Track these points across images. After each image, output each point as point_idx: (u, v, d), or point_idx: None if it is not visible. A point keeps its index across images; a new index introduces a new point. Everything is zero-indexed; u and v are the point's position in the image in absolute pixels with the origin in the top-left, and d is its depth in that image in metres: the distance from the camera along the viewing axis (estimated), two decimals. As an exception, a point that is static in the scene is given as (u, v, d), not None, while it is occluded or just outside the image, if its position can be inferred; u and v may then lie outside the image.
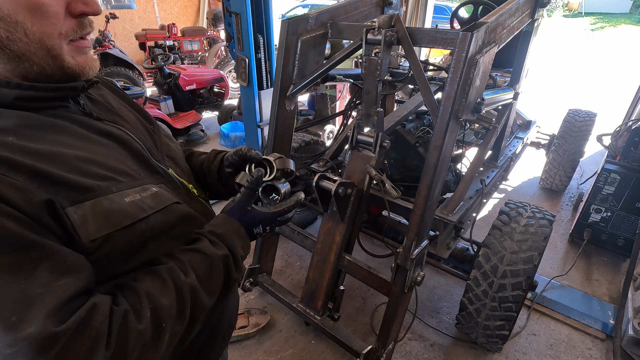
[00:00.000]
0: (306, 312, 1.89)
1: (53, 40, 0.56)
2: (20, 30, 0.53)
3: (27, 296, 0.45)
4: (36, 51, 0.55)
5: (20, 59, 0.54)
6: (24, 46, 0.53)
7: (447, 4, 11.01)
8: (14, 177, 0.49)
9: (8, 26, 0.52)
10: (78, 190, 0.54)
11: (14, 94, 0.55)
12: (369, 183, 1.74)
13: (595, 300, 2.35)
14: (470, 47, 1.24)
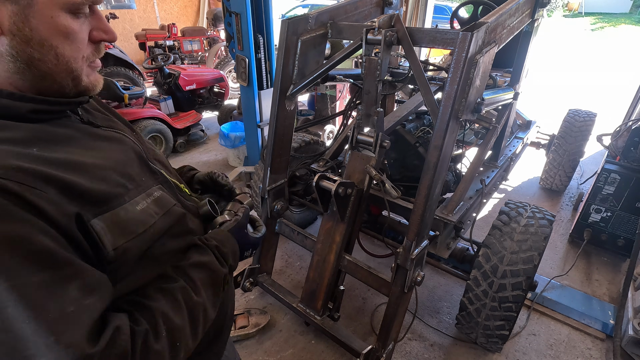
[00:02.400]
0: (306, 312, 1.89)
1: (77, 63, 0.61)
2: (52, 53, 0.57)
3: (64, 315, 0.47)
4: (61, 72, 0.60)
5: (44, 78, 0.58)
6: (53, 67, 0.58)
7: (447, 4, 11.00)
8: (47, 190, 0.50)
9: (42, 49, 0.56)
10: (100, 201, 0.57)
11: (28, 107, 0.57)
12: (369, 183, 1.74)
13: (595, 300, 2.35)
14: (470, 47, 1.24)
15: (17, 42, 0.55)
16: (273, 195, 2.01)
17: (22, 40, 0.55)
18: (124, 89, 4.02)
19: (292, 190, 2.14)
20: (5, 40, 0.54)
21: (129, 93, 4.00)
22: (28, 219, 0.47)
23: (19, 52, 0.55)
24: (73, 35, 0.59)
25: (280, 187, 2.04)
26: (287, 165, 2.04)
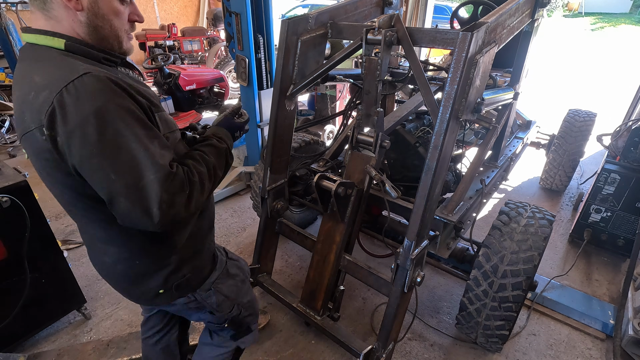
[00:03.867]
0: (306, 312, 1.89)
1: (121, 32, 0.96)
2: (108, 24, 0.92)
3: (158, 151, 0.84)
4: (112, 37, 0.94)
5: (102, 40, 0.93)
6: (107, 33, 0.93)
7: (447, 4, 11.00)
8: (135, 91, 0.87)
9: (103, 21, 0.91)
10: (155, 105, 0.94)
11: (102, 55, 0.93)
12: (369, 183, 1.74)
13: (595, 300, 2.35)
14: (470, 47, 1.24)
15: (90, 15, 0.88)
16: (273, 195, 2.01)
17: (93, 14, 0.88)
18: (124, 89, 4.02)
19: (292, 190, 2.14)
20: (84, 13, 0.88)
21: (129, 93, 4.00)
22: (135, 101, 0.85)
23: (90, 21, 0.89)
24: (120, 15, 0.93)
25: (280, 187, 2.04)
26: (287, 165, 2.04)
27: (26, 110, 0.81)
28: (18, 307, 1.80)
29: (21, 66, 0.88)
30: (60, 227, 3.05)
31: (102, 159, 0.79)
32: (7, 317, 1.78)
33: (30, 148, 0.85)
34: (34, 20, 0.89)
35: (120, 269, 1.05)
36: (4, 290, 1.79)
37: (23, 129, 0.83)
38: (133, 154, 0.80)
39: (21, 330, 1.95)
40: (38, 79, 0.81)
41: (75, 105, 0.76)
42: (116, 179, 0.80)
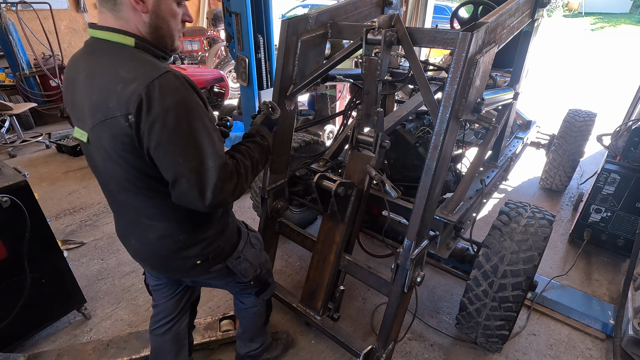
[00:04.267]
0: (306, 312, 1.89)
1: (174, 31, 1.07)
2: (166, 24, 1.04)
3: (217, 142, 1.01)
4: (168, 36, 1.06)
5: (161, 38, 1.05)
6: (165, 32, 1.04)
7: (447, 4, 11.00)
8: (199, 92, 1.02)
9: (162, 21, 1.02)
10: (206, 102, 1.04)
11: (161, 53, 1.06)
12: (369, 183, 1.74)
13: (595, 300, 2.35)
14: (470, 47, 1.24)
15: (152, 16, 1.00)
16: (273, 195, 2.01)
17: (155, 16, 1.00)
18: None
19: (292, 190, 2.14)
20: (148, 15, 0.99)
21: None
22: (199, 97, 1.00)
23: (152, 22, 1.01)
24: (176, 16, 1.06)
25: (280, 187, 2.04)
26: (287, 165, 2.04)
27: (111, 99, 0.92)
28: (18, 307, 1.80)
29: (92, 58, 1.00)
30: (60, 227, 3.05)
31: (175, 145, 0.94)
32: (7, 317, 1.79)
33: (109, 131, 0.95)
34: (102, 19, 1.00)
35: (164, 243, 1.17)
36: (4, 290, 1.79)
37: (105, 115, 0.94)
38: (200, 143, 0.96)
39: (21, 330, 1.95)
40: (124, 73, 0.93)
41: (160, 98, 0.90)
42: (183, 163, 0.95)
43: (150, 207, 1.11)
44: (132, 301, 2.34)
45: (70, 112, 1.09)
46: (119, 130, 0.93)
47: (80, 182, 3.84)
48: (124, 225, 1.24)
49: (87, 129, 1.01)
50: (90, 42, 1.02)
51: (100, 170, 1.10)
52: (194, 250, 1.20)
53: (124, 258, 2.72)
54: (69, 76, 1.06)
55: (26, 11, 5.60)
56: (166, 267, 1.25)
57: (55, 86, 5.58)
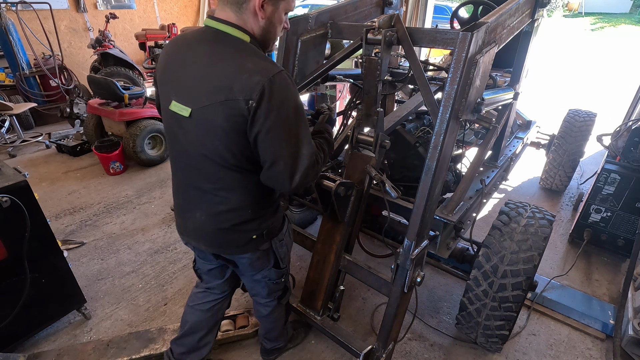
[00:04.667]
0: (306, 312, 1.89)
1: (276, 36, 1.26)
2: (273, 30, 1.21)
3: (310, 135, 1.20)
4: (272, 38, 1.24)
5: (265, 40, 1.22)
6: (271, 36, 1.22)
7: (447, 4, 11.00)
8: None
9: (272, 27, 1.20)
10: None
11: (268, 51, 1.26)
12: (369, 183, 1.74)
13: (595, 300, 2.35)
14: (470, 47, 1.24)
15: (266, 22, 1.17)
16: (273, 195, 2.01)
17: (269, 22, 1.17)
18: (124, 89, 4.02)
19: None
20: (264, 21, 1.16)
21: (129, 93, 4.00)
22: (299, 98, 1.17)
23: (265, 26, 1.18)
24: (282, 24, 1.23)
25: (280, 187, 2.04)
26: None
27: (236, 85, 1.06)
28: (18, 307, 1.80)
29: (214, 46, 1.14)
30: (60, 227, 3.05)
31: (282, 132, 1.10)
32: (7, 317, 1.79)
33: (227, 111, 1.08)
34: (223, 15, 1.15)
35: (231, 216, 1.29)
36: (4, 290, 1.79)
37: (227, 97, 1.07)
38: (300, 134, 1.14)
39: (21, 330, 1.95)
40: (250, 65, 1.08)
41: (278, 90, 1.06)
42: (285, 148, 1.11)
43: (231, 181, 1.24)
44: (132, 301, 2.34)
45: (169, 86, 1.20)
46: (237, 112, 1.07)
47: (80, 182, 3.84)
48: (191, 200, 1.33)
49: (195, 105, 1.12)
50: (207, 31, 1.17)
51: (192, 142, 1.19)
52: (253, 224, 1.33)
53: (124, 258, 2.72)
54: (180, 56, 1.18)
55: (26, 11, 5.60)
56: (223, 241, 1.36)
57: (55, 86, 5.58)
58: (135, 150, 3.94)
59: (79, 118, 4.76)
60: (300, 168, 1.14)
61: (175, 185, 1.39)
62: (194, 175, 1.27)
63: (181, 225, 1.43)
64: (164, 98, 1.23)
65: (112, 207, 3.38)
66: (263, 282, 1.57)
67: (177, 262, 2.68)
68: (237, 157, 1.17)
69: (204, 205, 1.30)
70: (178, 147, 1.26)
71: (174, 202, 1.44)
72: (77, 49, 7.26)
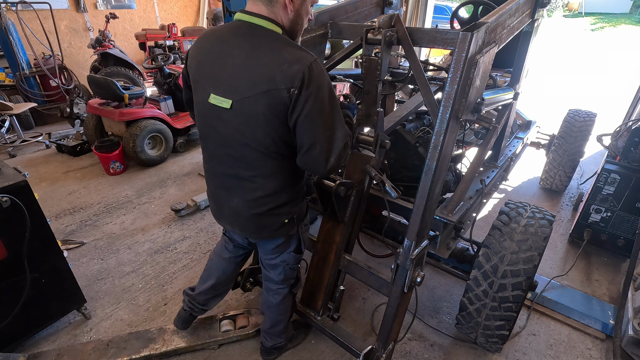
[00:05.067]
0: (306, 312, 1.89)
1: (304, 26, 1.32)
2: (301, 21, 1.28)
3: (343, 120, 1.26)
4: (299, 29, 1.31)
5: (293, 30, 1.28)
6: (298, 27, 1.30)
7: (447, 4, 11.00)
8: None
9: (299, 18, 1.27)
10: None
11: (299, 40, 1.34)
12: (369, 183, 1.74)
13: (595, 300, 2.35)
14: (470, 47, 1.24)
15: (295, 14, 1.24)
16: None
17: (296, 14, 1.25)
18: (124, 89, 4.02)
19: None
20: (292, 12, 1.23)
21: (129, 93, 4.00)
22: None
23: (293, 18, 1.25)
24: (308, 15, 1.30)
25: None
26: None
27: (277, 74, 1.12)
28: (18, 307, 1.80)
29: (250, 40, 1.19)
30: (60, 227, 3.05)
31: (319, 116, 1.17)
32: (7, 317, 1.79)
33: (269, 100, 1.15)
34: (255, 8, 1.21)
35: (267, 200, 1.36)
36: (4, 290, 1.79)
37: (269, 87, 1.13)
38: (336, 118, 1.21)
39: (21, 330, 1.95)
40: (288, 55, 1.14)
41: (316, 78, 1.13)
42: (322, 131, 1.18)
43: (269, 167, 1.31)
44: (132, 301, 2.34)
45: (206, 81, 1.26)
46: (279, 101, 1.14)
47: (80, 182, 3.84)
48: (228, 187, 1.41)
49: (236, 97, 1.19)
50: (242, 25, 1.22)
51: (232, 133, 1.26)
52: (285, 209, 1.42)
53: (124, 258, 2.72)
54: (215, 51, 1.24)
55: (26, 11, 5.60)
56: (257, 226, 1.44)
57: (55, 86, 5.59)
58: (135, 150, 3.94)
59: (79, 118, 4.76)
60: (335, 150, 1.21)
61: (210, 174, 1.46)
62: (232, 164, 1.33)
63: (217, 210, 1.53)
64: (201, 92, 1.28)
65: (112, 207, 3.38)
66: (281, 267, 1.64)
67: (177, 262, 2.68)
68: (277, 143, 1.24)
69: (241, 191, 1.37)
70: (217, 138, 1.32)
71: (208, 190, 1.54)
72: (77, 49, 7.27)
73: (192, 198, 3.38)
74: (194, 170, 4.16)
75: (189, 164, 4.33)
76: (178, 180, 3.92)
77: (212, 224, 3.14)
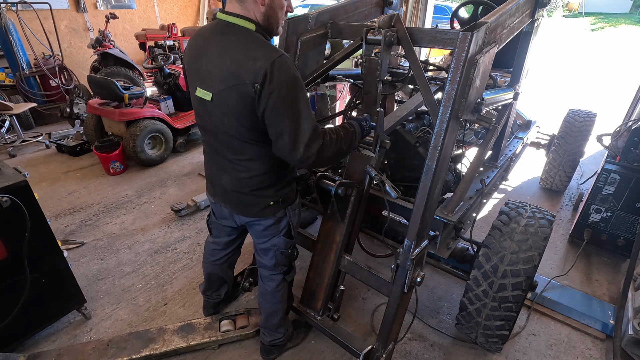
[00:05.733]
0: (306, 312, 1.89)
1: (279, 20, 1.36)
2: (275, 14, 1.32)
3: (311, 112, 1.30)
4: (274, 23, 1.34)
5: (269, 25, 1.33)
6: (273, 21, 1.33)
7: (447, 4, 11.00)
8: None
9: (272, 12, 1.31)
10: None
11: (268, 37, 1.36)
12: (369, 183, 1.74)
13: (595, 300, 2.35)
14: (470, 47, 1.24)
15: (267, 8, 1.29)
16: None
17: (269, 7, 1.29)
18: (124, 89, 4.02)
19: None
20: (264, 7, 1.28)
21: (129, 93, 4.00)
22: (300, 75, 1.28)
23: (266, 12, 1.30)
24: (283, 8, 1.34)
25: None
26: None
27: (243, 70, 1.20)
28: (18, 307, 1.80)
29: (224, 37, 1.28)
30: (60, 227, 3.05)
31: (284, 109, 1.23)
32: (7, 317, 1.79)
33: (237, 94, 1.24)
34: (230, 7, 1.29)
35: (253, 182, 1.46)
36: (4, 290, 1.79)
37: (236, 81, 1.22)
38: (301, 110, 1.25)
39: (21, 330, 1.95)
40: (253, 52, 1.22)
41: (278, 73, 1.19)
42: (287, 123, 1.24)
43: (251, 152, 1.40)
44: (132, 301, 2.34)
45: (193, 75, 1.37)
46: (245, 94, 1.22)
47: (80, 182, 3.84)
48: (220, 167, 1.52)
49: (214, 90, 1.29)
50: (220, 23, 1.32)
51: (215, 122, 1.37)
52: (270, 191, 1.51)
53: (124, 258, 2.72)
54: (199, 48, 1.34)
55: (26, 11, 5.60)
56: (245, 204, 1.54)
57: (55, 86, 5.58)
58: (135, 150, 3.94)
59: (79, 118, 4.76)
60: (302, 140, 1.27)
61: (207, 155, 1.59)
62: (221, 147, 1.45)
63: (211, 188, 1.66)
64: (192, 86, 1.41)
65: (112, 207, 3.38)
66: (272, 250, 1.69)
67: (177, 262, 2.68)
68: (251, 131, 1.33)
69: (230, 171, 1.49)
70: (206, 126, 1.44)
71: (205, 170, 1.66)
72: (77, 49, 7.27)
73: (192, 198, 3.38)
74: (194, 170, 4.16)
75: (189, 164, 4.33)
76: (178, 180, 3.92)
77: (212, 224, 3.14)
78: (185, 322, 2.08)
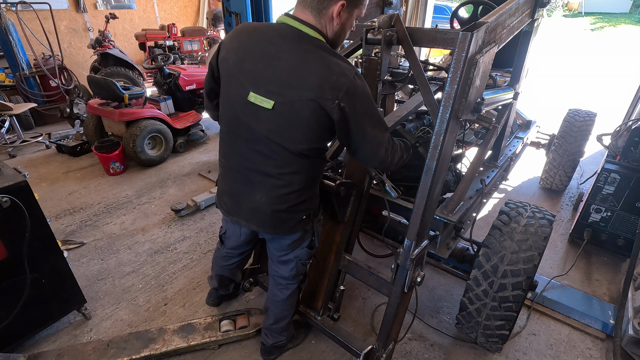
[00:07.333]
0: (306, 312, 1.89)
1: (345, 39, 1.39)
2: (344, 33, 1.34)
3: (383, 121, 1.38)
4: (340, 41, 1.36)
5: (335, 42, 1.34)
6: (340, 39, 1.35)
7: (447, 4, 11.01)
8: None
9: (343, 32, 1.33)
10: None
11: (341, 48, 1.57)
12: (369, 183, 1.74)
13: (595, 300, 2.35)
14: (470, 47, 1.24)
15: (340, 27, 1.30)
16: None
17: (341, 27, 1.31)
18: (124, 89, 4.02)
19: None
20: (338, 25, 1.29)
21: (128, 93, 4.00)
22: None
23: (338, 30, 1.31)
24: (351, 28, 1.35)
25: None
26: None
27: (326, 85, 1.19)
28: (18, 307, 1.80)
29: (298, 45, 1.24)
30: (60, 227, 3.05)
31: (366, 119, 1.28)
32: (7, 317, 1.79)
33: (314, 106, 1.21)
34: (302, 16, 1.26)
35: (291, 197, 1.42)
36: (4, 290, 1.79)
37: (317, 95, 1.20)
38: (379, 119, 1.33)
39: (21, 330, 1.95)
40: (335, 67, 1.21)
41: (357, 88, 1.22)
42: (370, 132, 1.30)
43: (298, 165, 1.37)
44: (132, 301, 2.34)
45: (244, 78, 1.28)
46: (324, 109, 1.21)
47: (80, 182, 3.84)
48: (250, 182, 1.43)
49: (280, 99, 1.23)
50: (287, 28, 1.26)
51: (267, 132, 1.30)
52: (305, 205, 1.48)
53: (124, 258, 2.72)
54: (258, 48, 1.26)
55: (26, 11, 5.60)
56: (278, 222, 1.48)
57: (55, 86, 5.59)
58: (135, 150, 3.94)
59: (79, 118, 4.76)
60: (382, 146, 1.34)
61: (229, 169, 1.48)
62: (261, 160, 1.37)
63: (232, 206, 1.53)
64: (236, 88, 1.31)
65: (112, 207, 3.38)
66: (293, 262, 1.66)
67: (177, 262, 2.68)
68: (311, 145, 1.32)
69: (266, 187, 1.41)
70: (249, 135, 1.34)
71: (225, 185, 1.53)
72: (77, 49, 7.27)
73: (192, 198, 3.38)
74: (194, 171, 4.16)
75: (189, 164, 4.33)
76: (178, 181, 3.92)
77: (212, 224, 3.14)
78: (186, 322, 2.08)
